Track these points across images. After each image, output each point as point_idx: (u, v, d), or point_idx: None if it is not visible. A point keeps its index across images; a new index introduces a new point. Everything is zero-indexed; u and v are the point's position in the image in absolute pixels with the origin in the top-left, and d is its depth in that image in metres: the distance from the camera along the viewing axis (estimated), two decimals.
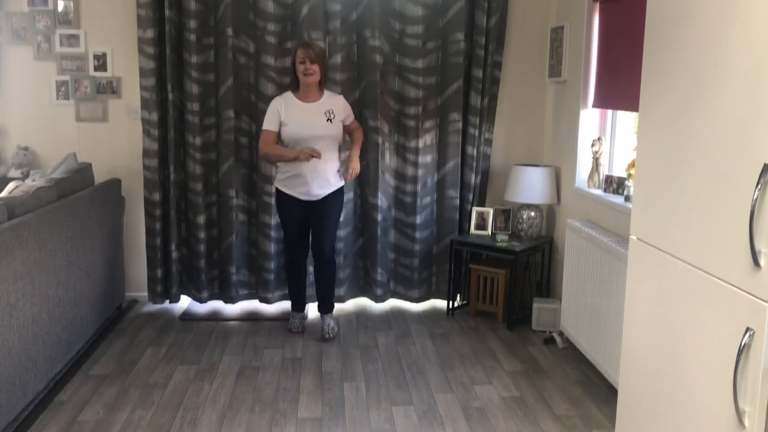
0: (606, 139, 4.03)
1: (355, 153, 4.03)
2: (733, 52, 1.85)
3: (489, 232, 4.53)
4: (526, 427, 3.09)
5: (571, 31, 4.21)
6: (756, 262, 1.73)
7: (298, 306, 4.27)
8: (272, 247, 4.52)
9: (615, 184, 3.73)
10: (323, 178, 3.92)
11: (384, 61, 4.44)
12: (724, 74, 1.89)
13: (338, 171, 3.99)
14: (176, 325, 4.32)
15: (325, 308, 4.19)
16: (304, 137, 3.86)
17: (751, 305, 1.76)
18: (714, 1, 1.95)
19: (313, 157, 3.78)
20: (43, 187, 3.38)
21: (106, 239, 4.09)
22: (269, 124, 3.91)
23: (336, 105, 3.97)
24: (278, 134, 3.92)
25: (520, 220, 4.42)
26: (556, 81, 4.44)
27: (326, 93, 3.99)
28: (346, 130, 4.09)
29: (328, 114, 3.92)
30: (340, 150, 4.08)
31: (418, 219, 4.57)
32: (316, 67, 3.84)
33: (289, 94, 3.96)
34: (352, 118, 4.09)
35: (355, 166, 3.99)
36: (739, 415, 1.80)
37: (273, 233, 4.51)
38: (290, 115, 3.88)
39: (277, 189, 4.01)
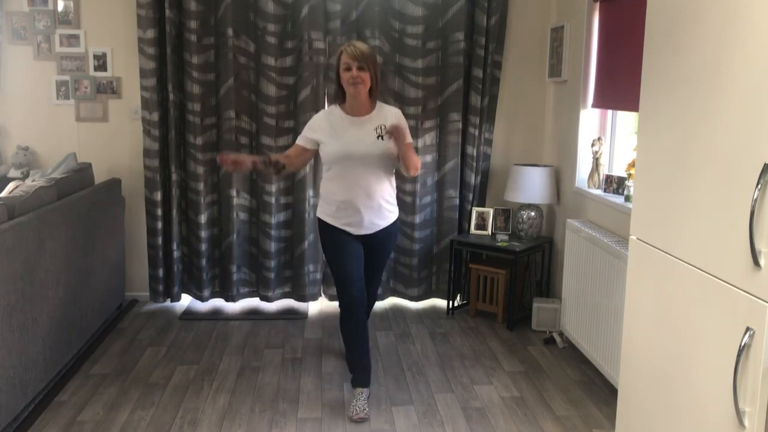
0: (606, 139, 4.03)
1: (408, 145, 3.14)
2: (734, 53, 1.84)
3: (489, 232, 4.53)
4: (526, 427, 3.09)
5: (571, 31, 4.21)
6: (756, 262, 1.73)
7: (361, 379, 3.27)
8: (273, 246, 4.53)
9: (615, 184, 3.73)
10: (377, 206, 3.20)
11: (384, 61, 4.44)
12: (725, 74, 1.89)
13: (388, 197, 3.28)
14: (176, 324, 4.32)
15: (358, 379, 3.29)
16: (348, 156, 3.13)
17: (751, 305, 1.76)
18: (715, 1, 1.95)
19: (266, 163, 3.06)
20: (43, 187, 3.38)
21: (106, 239, 4.09)
22: (300, 138, 3.28)
23: (389, 119, 3.21)
24: (312, 153, 3.29)
25: (520, 220, 4.42)
26: (556, 81, 4.44)
27: (378, 105, 3.26)
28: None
29: (379, 130, 3.17)
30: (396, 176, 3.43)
31: (418, 218, 4.57)
32: (366, 75, 3.11)
33: (334, 108, 3.26)
34: (409, 138, 3.22)
35: (403, 133, 3.06)
36: (739, 415, 1.80)
37: (273, 232, 4.51)
38: (331, 130, 3.18)
39: (320, 221, 3.29)
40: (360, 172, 3.16)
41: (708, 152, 1.96)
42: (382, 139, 3.16)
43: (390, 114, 3.25)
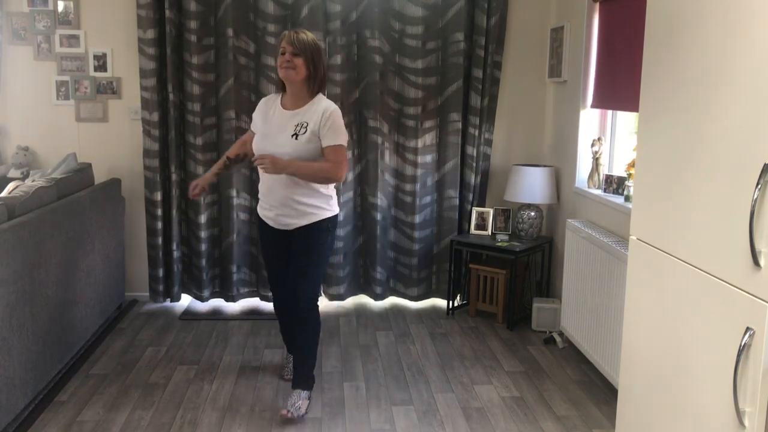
0: (606, 139, 4.03)
1: (295, 162, 2.98)
2: (734, 52, 1.85)
3: (489, 232, 4.53)
4: (526, 427, 3.09)
5: (571, 31, 4.21)
6: (756, 261, 1.73)
7: (290, 347, 3.56)
8: None
9: (615, 184, 3.73)
10: (287, 205, 3.09)
11: (384, 62, 4.44)
12: (725, 74, 1.89)
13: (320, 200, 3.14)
14: (176, 324, 4.32)
15: (297, 380, 3.20)
16: (262, 151, 3.06)
17: (751, 305, 1.76)
18: (715, 1, 1.95)
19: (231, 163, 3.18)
20: (43, 187, 3.38)
21: (106, 239, 4.09)
22: (253, 125, 3.30)
23: (316, 116, 3.03)
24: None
25: (520, 220, 4.42)
26: (556, 81, 4.45)
27: (316, 100, 3.09)
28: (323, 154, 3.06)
29: (298, 127, 3.03)
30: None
31: (418, 218, 4.57)
32: (299, 61, 2.99)
33: (275, 96, 3.23)
34: (334, 140, 3.01)
35: (273, 161, 2.93)
36: (739, 415, 1.80)
37: None
38: (263, 119, 3.17)
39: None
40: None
41: (708, 152, 1.96)
42: (297, 137, 3.01)
43: (319, 109, 3.03)
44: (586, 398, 3.39)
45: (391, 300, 4.82)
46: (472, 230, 4.55)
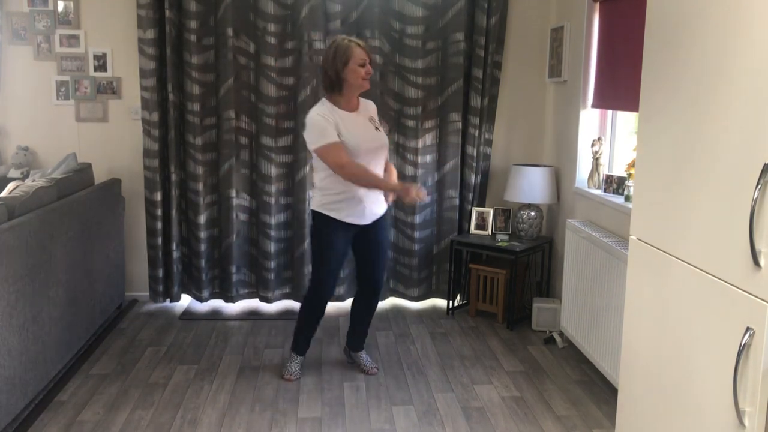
0: (606, 139, 4.03)
1: (392, 177, 3.54)
2: (734, 52, 1.85)
3: (489, 232, 4.53)
4: (526, 427, 3.09)
5: (571, 31, 4.21)
6: (756, 261, 1.73)
7: (304, 349, 3.65)
8: (272, 247, 4.52)
9: (615, 184, 3.73)
10: (376, 195, 3.40)
11: (384, 62, 4.44)
12: (725, 73, 1.89)
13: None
14: (176, 324, 4.32)
15: (361, 344, 3.72)
16: (362, 151, 3.27)
17: (751, 305, 1.76)
18: (715, 1, 1.95)
19: (417, 198, 3.22)
20: (43, 187, 3.38)
21: (106, 239, 4.08)
22: (333, 135, 3.21)
23: (373, 111, 3.49)
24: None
25: (520, 220, 4.42)
26: (556, 81, 4.45)
27: (362, 99, 3.48)
28: None
29: (373, 122, 3.41)
30: None
31: (418, 218, 4.57)
32: None
33: (329, 105, 3.30)
34: None
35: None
36: (739, 415, 1.80)
37: (273, 233, 4.51)
38: (344, 127, 3.27)
39: (319, 214, 3.36)
40: (364, 165, 3.30)
41: (708, 152, 1.96)
42: (380, 130, 3.40)
43: (370, 105, 3.49)
44: (586, 398, 3.39)
45: (391, 300, 4.82)
46: (472, 230, 4.55)
